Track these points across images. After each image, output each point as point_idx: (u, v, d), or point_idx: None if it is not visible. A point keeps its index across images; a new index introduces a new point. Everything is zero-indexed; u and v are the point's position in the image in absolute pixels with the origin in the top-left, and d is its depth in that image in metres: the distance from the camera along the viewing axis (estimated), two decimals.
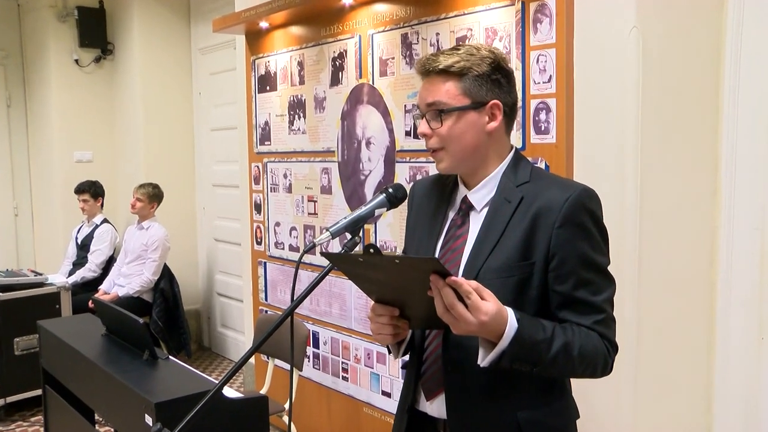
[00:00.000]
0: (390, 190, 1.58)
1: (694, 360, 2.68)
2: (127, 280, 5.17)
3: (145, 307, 5.14)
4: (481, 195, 1.58)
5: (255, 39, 4.11)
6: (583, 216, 1.48)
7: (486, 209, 1.57)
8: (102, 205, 5.65)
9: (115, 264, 5.44)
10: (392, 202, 1.58)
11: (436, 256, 1.60)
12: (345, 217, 1.53)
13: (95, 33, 6.07)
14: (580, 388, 2.45)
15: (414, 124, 1.64)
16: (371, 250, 1.34)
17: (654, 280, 2.52)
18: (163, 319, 5.14)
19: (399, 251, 2.97)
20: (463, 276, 1.51)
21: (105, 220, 5.62)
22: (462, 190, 1.62)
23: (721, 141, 2.64)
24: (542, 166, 2.54)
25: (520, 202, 1.51)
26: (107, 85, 6.24)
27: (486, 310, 1.33)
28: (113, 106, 6.26)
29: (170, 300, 5.23)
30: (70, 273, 5.45)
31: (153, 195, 5.31)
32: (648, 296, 2.51)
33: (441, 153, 1.55)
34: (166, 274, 5.27)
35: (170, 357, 2.45)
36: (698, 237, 2.66)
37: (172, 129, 6.01)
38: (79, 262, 5.53)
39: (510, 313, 1.38)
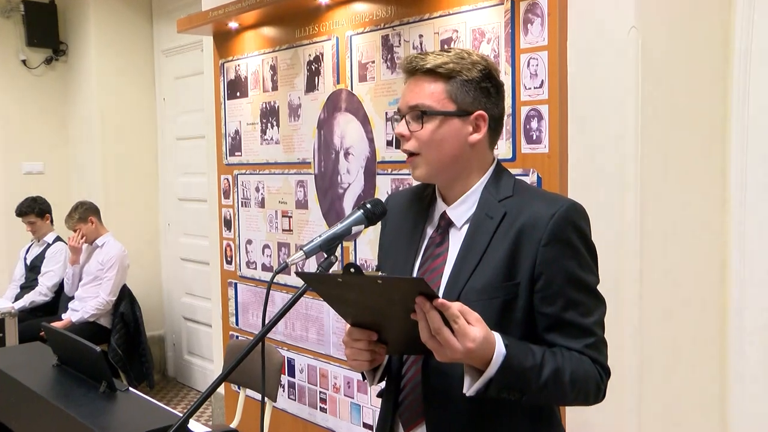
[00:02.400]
0: (368, 205, 1.60)
1: (705, 393, 2.68)
2: (82, 304, 5.12)
3: (103, 334, 5.10)
4: (462, 210, 1.60)
5: (224, 40, 4.13)
6: (571, 233, 1.51)
7: (467, 226, 1.59)
8: (52, 221, 5.59)
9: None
10: (370, 218, 1.60)
11: (414, 276, 1.62)
12: (320, 235, 1.55)
13: (45, 31, 6.02)
14: (579, 419, 2.48)
15: (393, 127, 1.65)
16: (351, 270, 1.35)
17: (657, 304, 2.53)
18: (123, 346, 5.10)
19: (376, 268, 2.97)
20: (443, 298, 1.53)
21: (58, 239, 5.56)
22: (440, 205, 1.64)
23: (730, 149, 2.65)
24: (534, 177, 2.57)
25: (502, 218, 1.54)
26: (60, 89, 6.21)
27: (473, 337, 1.34)
28: (67, 112, 6.24)
29: (131, 325, 5.20)
30: (18, 297, 5.38)
31: (84, 215, 5.14)
32: (651, 321, 2.51)
33: (417, 159, 1.58)
34: (127, 297, 5.23)
35: (130, 388, 2.44)
36: (707, 255, 2.67)
37: (134, 138, 5.99)
38: (29, 285, 5.47)
39: (497, 338, 1.40)
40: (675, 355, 2.61)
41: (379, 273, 1.44)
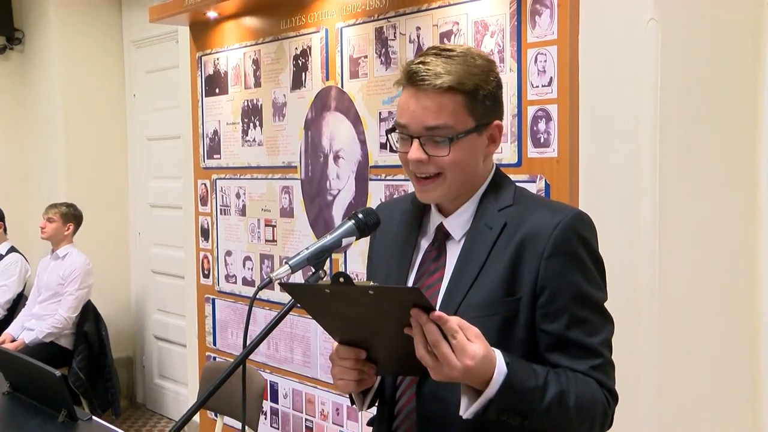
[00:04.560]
0: (360, 215, 1.63)
1: (735, 417, 2.69)
2: (39, 323, 5.05)
3: (64, 356, 5.05)
4: (460, 222, 1.64)
5: (201, 31, 4.16)
6: (576, 244, 1.54)
7: (465, 238, 1.62)
8: (5, 230, 5.56)
9: (26, 304, 5.36)
10: (362, 229, 1.63)
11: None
12: (307, 248, 1.58)
13: None
14: None
15: (388, 140, 1.65)
16: (341, 279, 1.38)
17: (678, 323, 2.55)
18: (85, 369, 5.06)
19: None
20: None
21: (12, 249, 5.51)
22: (436, 217, 1.67)
23: (760, 153, 2.67)
24: (542, 184, 2.60)
25: (503, 229, 1.58)
26: (16, 81, 6.16)
27: (473, 353, 1.37)
28: (24, 108, 6.20)
29: (95, 346, 5.16)
30: None
31: (68, 215, 5.17)
32: (671, 342, 2.53)
33: (436, 180, 1.59)
34: (91, 314, 5.20)
35: (93, 417, 2.45)
36: (734, 268, 2.68)
37: (100, 138, 5.98)
38: None
39: (498, 355, 1.43)
40: (698, 382, 2.62)
41: (371, 283, 1.47)
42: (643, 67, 2.47)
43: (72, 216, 5.22)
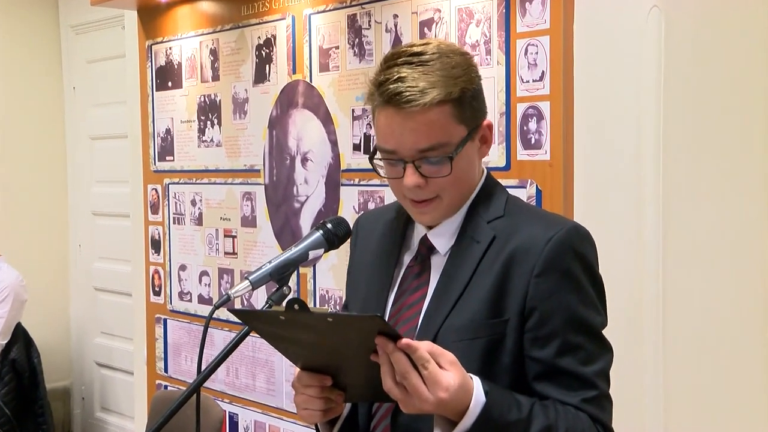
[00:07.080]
0: (328, 225, 1.67)
1: None
2: None
3: None
4: (445, 234, 1.67)
5: (151, 17, 4.17)
6: (571, 261, 1.56)
7: (450, 252, 1.65)
8: None
9: None
10: (331, 241, 1.68)
11: (388, 312, 1.69)
12: (270, 261, 1.63)
13: None
14: None
15: (373, 167, 1.67)
16: (296, 306, 1.41)
17: (684, 343, 2.58)
18: (12, 403, 4.98)
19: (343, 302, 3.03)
20: (417, 338, 1.57)
21: None
22: (419, 229, 1.70)
23: None
24: (532, 190, 2.64)
25: (491, 243, 1.60)
26: None
27: (446, 385, 1.40)
28: None
29: (25, 375, 5.09)
30: None
31: None
32: (677, 365, 2.56)
33: (434, 202, 1.62)
34: (21, 339, 5.13)
35: None
36: (746, 283, 2.72)
37: (35, 136, 5.94)
38: None
39: (476, 383, 1.45)
40: (707, 403, 2.65)
41: (328, 310, 1.51)
42: (644, 59, 2.51)
43: None
